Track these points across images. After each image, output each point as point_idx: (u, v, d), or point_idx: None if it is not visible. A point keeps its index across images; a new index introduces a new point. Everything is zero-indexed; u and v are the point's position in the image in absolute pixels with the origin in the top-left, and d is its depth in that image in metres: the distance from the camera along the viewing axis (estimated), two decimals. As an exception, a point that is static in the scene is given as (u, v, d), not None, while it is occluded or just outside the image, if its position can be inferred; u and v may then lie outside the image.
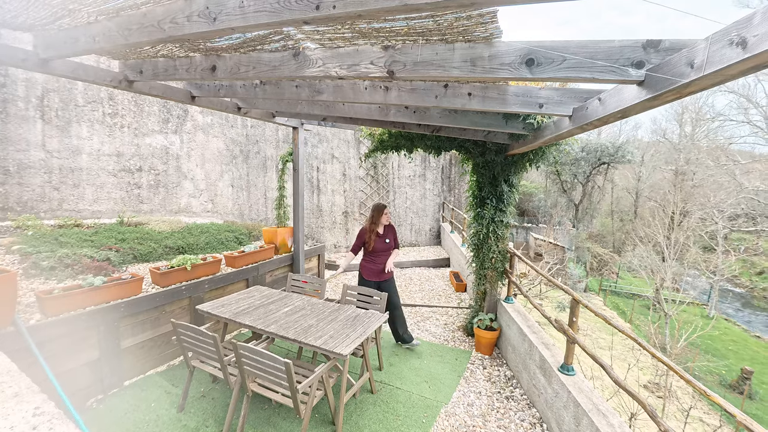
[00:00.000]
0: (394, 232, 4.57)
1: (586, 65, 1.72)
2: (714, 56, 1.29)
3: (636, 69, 1.66)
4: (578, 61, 1.73)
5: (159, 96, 3.76)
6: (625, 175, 25.58)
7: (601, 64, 1.69)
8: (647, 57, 1.64)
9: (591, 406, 2.74)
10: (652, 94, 1.65)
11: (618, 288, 18.77)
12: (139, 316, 3.78)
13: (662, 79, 1.55)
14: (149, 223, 5.89)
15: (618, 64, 1.68)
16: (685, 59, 1.44)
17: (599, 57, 1.69)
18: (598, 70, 1.71)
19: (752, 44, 1.13)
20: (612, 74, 1.70)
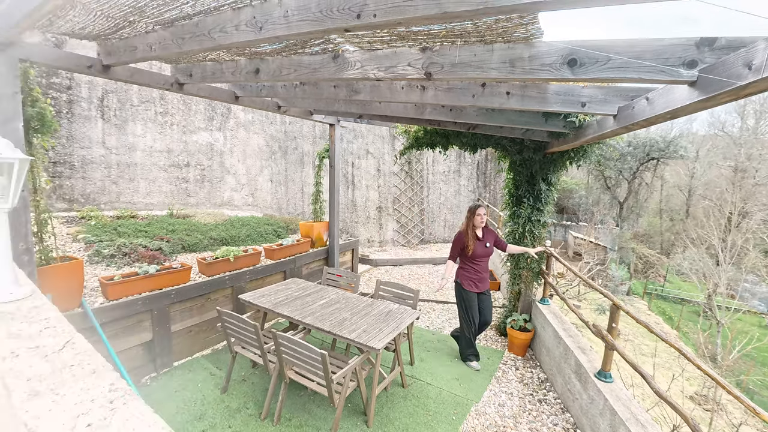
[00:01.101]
0: (495, 235, 4.13)
1: (632, 65, 1.66)
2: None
3: (688, 69, 1.58)
4: (624, 61, 1.67)
5: (206, 97, 3.99)
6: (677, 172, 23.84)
7: (649, 64, 1.62)
8: (700, 56, 1.55)
9: (629, 415, 2.65)
10: (705, 96, 1.57)
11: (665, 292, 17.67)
12: (187, 303, 4.07)
13: (716, 80, 1.47)
14: (195, 215, 6.27)
15: (668, 64, 1.61)
16: (743, 60, 1.36)
17: (647, 56, 1.63)
18: (646, 70, 1.64)
19: (819, 46, 1.06)
20: (661, 74, 1.63)
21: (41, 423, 0.98)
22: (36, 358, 1.37)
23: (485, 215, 3.94)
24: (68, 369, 1.29)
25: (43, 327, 1.64)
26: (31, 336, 1.55)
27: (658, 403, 5.04)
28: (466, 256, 4.00)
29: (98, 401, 1.13)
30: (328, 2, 1.56)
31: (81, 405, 1.09)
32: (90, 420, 1.00)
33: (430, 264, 9.20)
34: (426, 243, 10.91)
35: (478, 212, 3.92)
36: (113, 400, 1.13)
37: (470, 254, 3.94)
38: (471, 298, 4.05)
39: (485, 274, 4.03)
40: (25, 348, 1.43)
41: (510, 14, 1.37)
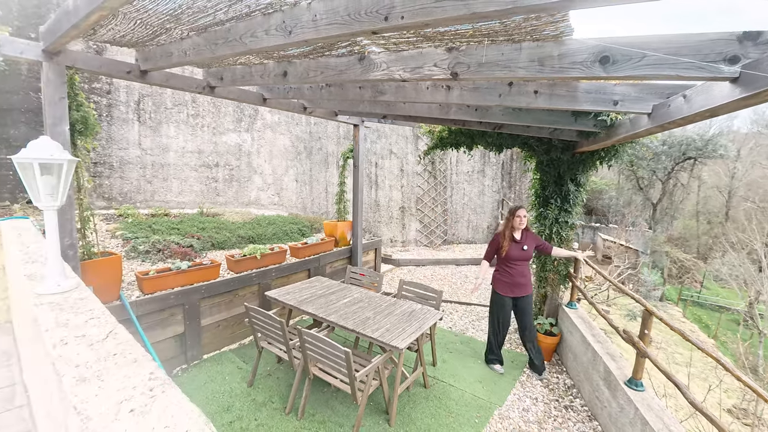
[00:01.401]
0: (537, 239, 3.98)
1: (669, 62, 1.60)
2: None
3: (729, 65, 1.51)
4: (660, 57, 1.61)
5: (235, 99, 4.12)
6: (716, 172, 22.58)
7: (687, 60, 1.56)
8: (743, 51, 1.48)
9: (661, 426, 2.55)
10: (748, 93, 1.49)
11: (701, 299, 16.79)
12: (216, 298, 4.21)
13: (762, 76, 1.40)
14: (224, 214, 6.48)
15: (707, 60, 1.54)
16: (792, 54, 1.28)
17: (685, 52, 1.56)
18: (683, 67, 1.58)
19: None
20: (700, 71, 1.56)
21: (88, 407, 1.05)
22: (82, 346, 1.46)
23: (525, 217, 3.80)
24: (111, 357, 1.37)
25: (88, 317, 1.75)
26: (77, 326, 1.66)
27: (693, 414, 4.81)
28: (500, 258, 3.90)
29: (139, 389, 1.20)
30: (356, 5, 1.59)
31: (123, 391, 1.16)
32: (132, 406, 1.07)
33: (453, 265, 9.12)
34: (449, 244, 10.82)
35: (518, 213, 3.78)
36: (153, 388, 1.20)
37: (504, 256, 3.84)
38: (502, 303, 3.95)
39: (521, 279, 3.85)
40: (72, 336, 1.53)
41: (540, 13, 1.35)
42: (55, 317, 1.72)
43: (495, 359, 4.14)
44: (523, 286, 3.88)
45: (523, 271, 3.86)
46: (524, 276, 3.87)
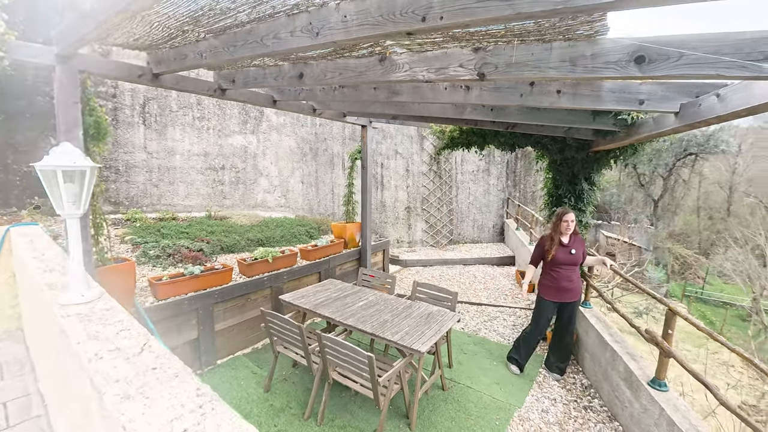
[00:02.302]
0: (583, 245, 3.87)
1: (708, 61, 1.56)
2: None
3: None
4: (699, 56, 1.58)
5: (245, 101, 4.08)
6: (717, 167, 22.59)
7: (728, 59, 1.53)
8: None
9: (689, 426, 2.52)
10: (795, 91, 1.46)
11: (705, 295, 16.79)
12: (229, 303, 4.18)
13: (811, 74, 1.37)
14: (232, 216, 6.44)
15: (750, 59, 1.51)
16: None
17: (726, 51, 1.53)
18: (724, 66, 1.55)
19: None
20: (741, 70, 1.53)
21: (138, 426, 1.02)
22: (119, 360, 1.42)
23: (573, 222, 3.67)
24: (151, 372, 1.34)
25: (119, 329, 1.71)
26: (108, 338, 1.62)
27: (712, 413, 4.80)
28: (546, 262, 3.81)
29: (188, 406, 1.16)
30: (389, 5, 1.55)
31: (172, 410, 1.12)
32: (185, 425, 1.03)
33: (461, 265, 9.09)
34: (455, 243, 10.80)
35: (565, 218, 3.65)
36: (202, 405, 1.16)
37: (550, 260, 3.74)
38: (545, 307, 3.85)
39: (567, 284, 3.72)
40: (106, 350, 1.49)
41: (586, 12, 1.31)
42: (84, 329, 1.68)
43: (516, 361, 4.09)
44: (570, 291, 3.75)
45: (570, 275, 3.73)
46: (572, 281, 3.74)
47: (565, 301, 3.77)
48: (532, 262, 3.91)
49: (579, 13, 1.22)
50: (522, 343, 4.07)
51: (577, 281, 3.74)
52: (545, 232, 3.90)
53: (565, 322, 3.85)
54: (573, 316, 3.85)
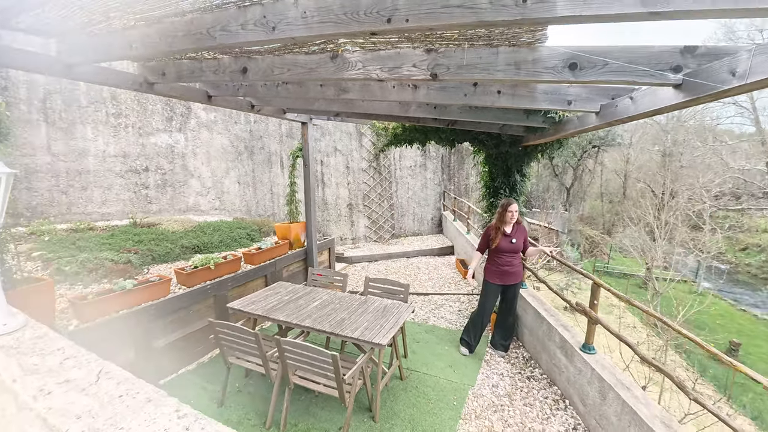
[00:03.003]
0: (525, 234, 4.14)
1: (627, 69, 1.82)
2: (758, 67, 1.42)
3: (674, 73, 1.77)
4: (620, 65, 1.83)
5: (177, 97, 3.77)
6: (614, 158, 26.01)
7: (641, 68, 1.80)
8: (684, 62, 1.75)
9: (615, 381, 2.93)
10: (690, 97, 1.77)
11: (610, 268, 19.31)
12: (169, 317, 3.85)
13: (701, 84, 1.67)
14: (161, 223, 5.89)
15: (657, 69, 1.79)
16: (727, 67, 1.55)
17: (640, 61, 1.80)
18: (639, 74, 1.82)
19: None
20: (652, 78, 1.81)
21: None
22: (73, 393, 1.28)
23: (516, 212, 3.96)
24: (118, 400, 1.22)
25: (62, 358, 1.52)
26: (52, 369, 1.44)
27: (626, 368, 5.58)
28: (491, 250, 4.07)
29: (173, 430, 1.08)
30: (353, 5, 1.56)
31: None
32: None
33: (404, 258, 9.35)
34: (397, 237, 11.06)
35: (509, 209, 3.92)
36: (188, 426, 1.10)
37: (494, 247, 4.00)
38: (489, 289, 4.16)
39: (509, 268, 4.04)
40: (54, 384, 1.33)
41: (540, 24, 1.45)
42: (17, 363, 1.47)
43: (467, 343, 4.36)
44: (512, 275, 4.07)
45: (511, 261, 4.03)
46: (513, 266, 4.05)
47: (507, 284, 4.11)
48: (479, 249, 4.20)
49: (535, 24, 1.35)
50: (471, 325, 4.35)
51: (518, 266, 4.10)
52: (491, 222, 4.19)
53: (508, 303, 4.20)
54: (515, 296, 4.22)
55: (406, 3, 1.46)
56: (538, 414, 3.38)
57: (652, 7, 1.19)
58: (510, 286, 4.14)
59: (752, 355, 12.64)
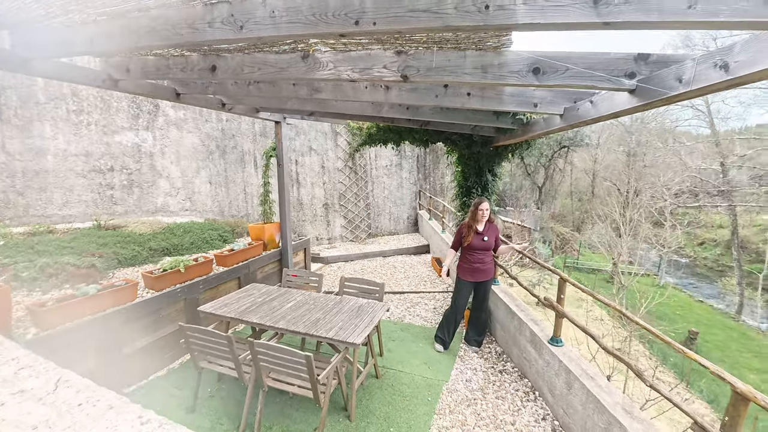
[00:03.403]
0: (497, 232, 4.23)
1: (586, 75, 1.92)
2: (700, 75, 1.52)
3: (629, 79, 1.88)
4: (579, 71, 1.92)
5: (143, 94, 3.64)
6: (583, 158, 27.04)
7: (600, 74, 1.89)
8: (638, 68, 1.86)
9: (580, 371, 3.07)
10: (643, 102, 1.88)
11: (579, 264, 20.08)
12: (136, 322, 3.72)
13: (652, 89, 1.78)
14: (128, 225, 5.66)
15: (613, 75, 1.89)
16: (674, 74, 1.66)
17: (598, 67, 1.90)
18: (597, 79, 1.91)
19: (733, 68, 1.37)
20: (608, 83, 1.91)
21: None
22: (29, 403, 1.23)
23: (488, 210, 4.06)
24: (77, 409, 1.19)
25: (17, 368, 1.46)
26: (6, 380, 1.38)
27: (592, 359, 5.83)
28: (463, 247, 4.16)
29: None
30: (322, 6, 1.57)
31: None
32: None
33: (380, 257, 9.38)
34: (373, 237, 11.08)
35: (480, 207, 4.01)
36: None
37: (466, 245, 4.10)
38: (462, 286, 4.25)
39: (480, 265, 4.14)
40: (7, 394, 1.28)
41: (503, 30, 1.51)
42: (-34, 374, 1.39)
43: (441, 340, 4.44)
44: (483, 272, 4.17)
45: (483, 258, 4.13)
46: (484, 263, 4.16)
47: (479, 281, 4.21)
48: (452, 246, 4.30)
49: (498, 30, 1.40)
50: (445, 322, 4.43)
51: (489, 263, 4.20)
52: (464, 220, 4.29)
53: (480, 299, 4.31)
54: (487, 293, 4.32)
55: (373, 6, 1.48)
56: (510, 406, 3.49)
57: (605, 17, 1.26)
58: (482, 283, 4.25)
59: (709, 343, 13.48)
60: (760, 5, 1.13)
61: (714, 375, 2.01)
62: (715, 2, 1.16)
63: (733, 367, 12.04)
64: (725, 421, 1.94)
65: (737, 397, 1.87)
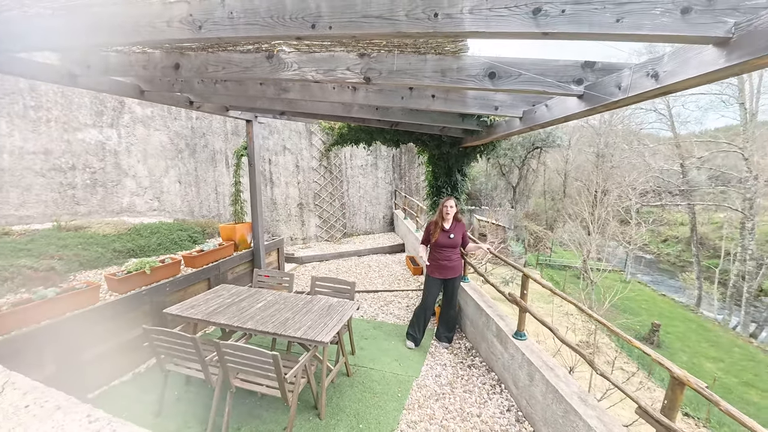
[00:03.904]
0: (464, 230, 4.34)
1: (538, 80, 2.02)
2: (636, 83, 1.65)
3: (576, 85, 1.99)
4: (531, 76, 2.02)
5: (106, 91, 3.54)
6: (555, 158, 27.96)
7: (550, 80, 2.00)
8: (585, 75, 1.97)
9: (541, 363, 3.21)
10: (589, 107, 2.00)
11: (551, 261, 20.74)
12: (99, 326, 3.60)
13: (596, 96, 1.90)
14: (91, 226, 5.46)
15: (563, 81, 2.00)
16: (614, 82, 1.79)
17: (549, 74, 2.00)
18: (548, 85, 2.02)
19: (662, 77, 1.49)
20: (558, 88, 2.02)
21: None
22: (-28, 407, 1.20)
23: (452, 208, 4.15)
24: (24, 410, 1.18)
25: (-40, 372, 1.42)
26: (-53, 384, 1.34)
27: (558, 352, 6.06)
28: (431, 244, 4.28)
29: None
30: (279, 9, 1.59)
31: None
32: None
33: (355, 256, 9.41)
34: (349, 236, 11.09)
35: (444, 205, 4.14)
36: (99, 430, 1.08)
37: (434, 242, 4.22)
38: (430, 283, 4.36)
39: (447, 262, 4.24)
40: (-50, 398, 1.24)
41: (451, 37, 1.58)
42: None
43: (413, 337, 4.51)
44: (450, 269, 4.27)
45: (450, 256, 4.24)
46: (451, 260, 4.26)
47: (447, 278, 4.32)
48: (422, 242, 4.43)
49: (447, 37, 1.46)
50: (416, 319, 4.52)
51: (456, 260, 4.31)
52: (432, 218, 4.40)
53: (449, 296, 4.41)
54: (455, 290, 4.43)
55: (329, 11, 1.51)
56: (477, 399, 3.60)
57: (543, 28, 1.35)
58: (450, 280, 4.36)
59: (671, 335, 14.21)
60: (678, 21, 1.24)
61: (655, 361, 2.15)
62: (639, 18, 1.26)
63: (693, 357, 12.76)
64: (665, 404, 2.09)
65: (674, 382, 2.02)
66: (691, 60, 1.41)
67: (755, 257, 17.16)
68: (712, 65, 1.32)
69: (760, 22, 1.14)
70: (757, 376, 11.72)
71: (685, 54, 1.44)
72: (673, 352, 12.79)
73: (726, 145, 18.11)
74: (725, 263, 19.32)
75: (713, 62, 1.32)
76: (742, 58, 1.21)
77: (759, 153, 17.76)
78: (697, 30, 1.23)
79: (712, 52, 1.32)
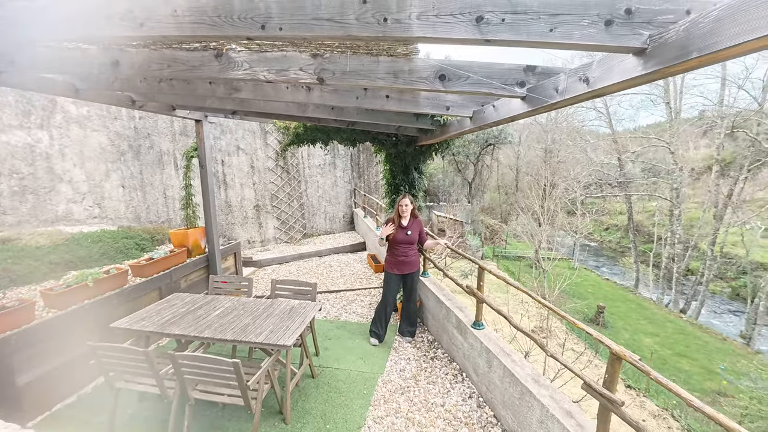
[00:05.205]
0: (421, 226, 4.45)
1: (485, 83, 2.13)
2: (570, 87, 1.79)
3: (520, 87, 2.13)
4: (479, 79, 2.13)
5: (34, 90, 3.25)
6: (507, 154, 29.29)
7: (496, 83, 2.12)
8: (527, 78, 2.11)
9: (498, 349, 3.38)
10: (531, 108, 2.15)
11: (506, 252, 21.75)
12: (35, 347, 3.31)
13: (536, 98, 2.04)
14: (21, 237, 4.97)
15: (508, 83, 2.13)
16: (552, 85, 1.93)
17: (495, 77, 2.12)
18: (494, 87, 2.14)
19: (592, 82, 1.63)
20: (503, 90, 2.14)
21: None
22: None
23: (407, 206, 4.24)
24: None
25: None
26: None
27: (513, 338, 6.39)
28: (389, 241, 4.37)
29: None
30: (227, 9, 1.56)
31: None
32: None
33: (316, 257, 9.31)
34: (309, 237, 10.94)
35: (400, 203, 4.24)
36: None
37: (391, 239, 4.33)
38: (389, 279, 4.44)
39: (404, 258, 4.35)
40: None
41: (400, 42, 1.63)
42: None
43: (375, 333, 4.57)
44: (407, 265, 4.38)
45: (407, 252, 4.35)
46: (408, 256, 4.37)
47: (405, 273, 4.43)
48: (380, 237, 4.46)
49: (396, 41, 1.51)
50: (377, 316, 4.58)
51: (413, 256, 4.44)
52: (390, 216, 4.50)
53: (408, 291, 4.52)
54: (414, 284, 4.54)
55: (279, 12, 1.51)
56: (440, 389, 3.73)
57: (485, 35, 1.43)
58: (408, 275, 4.47)
59: (614, 315, 15.44)
60: (602, 32, 1.38)
61: (596, 339, 2.36)
62: (570, 28, 1.38)
63: (634, 334, 13.95)
64: (606, 378, 2.29)
65: (613, 357, 2.22)
66: (615, 67, 1.56)
67: (682, 240, 19.06)
68: (632, 72, 1.47)
69: (669, 35, 1.29)
70: (688, 347, 13.06)
71: (610, 62, 1.59)
72: (616, 330, 13.91)
73: (655, 141, 19.91)
74: (658, 247, 21.27)
75: (633, 69, 1.47)
76: (657, 67, 1.36)
77: (683, 147, 19.74)
78: (619, 41, 1.37)
79: (632, 61, 1.47)
